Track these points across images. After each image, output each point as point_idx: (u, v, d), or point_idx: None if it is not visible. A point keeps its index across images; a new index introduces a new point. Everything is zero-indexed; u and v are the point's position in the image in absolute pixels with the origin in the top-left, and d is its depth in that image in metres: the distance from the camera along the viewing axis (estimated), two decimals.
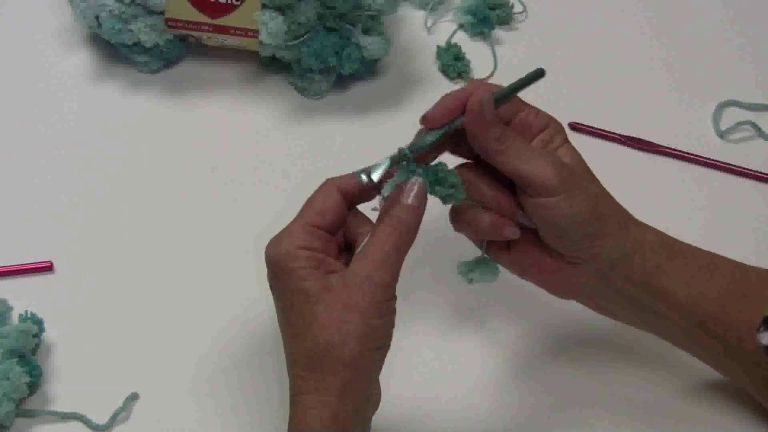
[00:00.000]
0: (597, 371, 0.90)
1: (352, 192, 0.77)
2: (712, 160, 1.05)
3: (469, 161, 0.80)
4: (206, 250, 0.96)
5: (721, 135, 1.08)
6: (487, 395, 0.89)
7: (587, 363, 0.91)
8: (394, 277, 0.74)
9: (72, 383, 0.87)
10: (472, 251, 0.83)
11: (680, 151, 1.05)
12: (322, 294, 0.72)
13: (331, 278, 0.73)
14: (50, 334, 0.89)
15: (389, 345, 0.74)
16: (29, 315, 0.88)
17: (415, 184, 0.75)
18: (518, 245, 0.81)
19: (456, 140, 0.79)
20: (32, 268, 0.93)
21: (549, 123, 0.80)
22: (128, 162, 1.02)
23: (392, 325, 0.74)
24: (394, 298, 0.74)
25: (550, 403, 0.89)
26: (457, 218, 0.81)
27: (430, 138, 0.77)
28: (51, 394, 0.87)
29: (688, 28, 1.17)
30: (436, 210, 0.79)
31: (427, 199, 0.76)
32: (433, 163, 0.78)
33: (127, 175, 1.01)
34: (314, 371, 0.72)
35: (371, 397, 0.75)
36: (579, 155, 0.80)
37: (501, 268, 0.83)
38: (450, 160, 0.80)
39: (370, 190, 0.77)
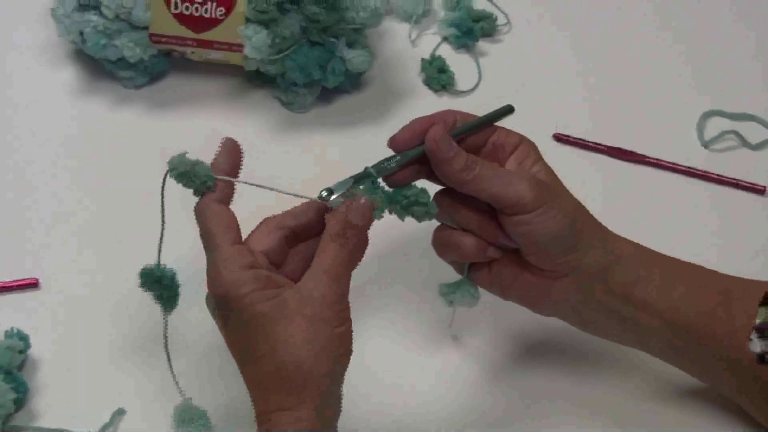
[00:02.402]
0: (577, 379, 0.90)
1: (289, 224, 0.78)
2: (697, 169, 1.05)
3: (447, 187, 0.80)
4: (194, 263, 0.95)
5: (706, 145, 1.08)
6: (463, 405, 0.89)
7: (567, 370, 0.90)
8: (347, 287, 0.74)
9: (58, 399, 0.87)
10: (451, 270, 0.84)
11: (665, 161, 1.06)
12: (281, 312, 0.72)
13: (284, 294, 0.73)
14: (36, 350, 0.89)
15: (351, 351, 0.74)
16: (15, 331, 0.88)
17: (360, 201, 0.75)
18: (499, 265, 0.82)
19: (431, 167, 0.79)
20: (18, 285, 0.93)
21: (521, 142, 0.80)
22: (114, 178, 1.02)
23: (351, 333, 0.74)
24: (348, 307, 0.74)
25: (527, 412, 0.88)
26: (440, 243, 0.81)
27: (396, 160, 0.78)
28: (37, 410, 0.86)
29: (672, 38, 1.18)
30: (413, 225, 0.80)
31: (372, 215, 0.76)
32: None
33: (113, 190, 1.01)
34: (285, 390, 0.72)
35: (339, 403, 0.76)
36: (552, 172, 0.80)
37: (482, 291, 0.84)
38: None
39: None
